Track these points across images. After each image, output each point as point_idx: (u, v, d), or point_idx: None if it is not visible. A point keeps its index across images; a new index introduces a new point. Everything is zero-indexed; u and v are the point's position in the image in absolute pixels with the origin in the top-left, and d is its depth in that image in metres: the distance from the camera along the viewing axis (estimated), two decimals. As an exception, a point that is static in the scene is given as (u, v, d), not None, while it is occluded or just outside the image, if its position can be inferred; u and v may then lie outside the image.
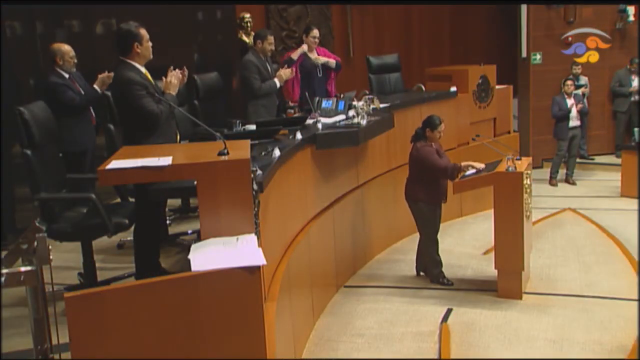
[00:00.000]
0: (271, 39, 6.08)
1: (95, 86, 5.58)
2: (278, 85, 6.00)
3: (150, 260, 4.33)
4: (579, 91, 8.80)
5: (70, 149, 5.25)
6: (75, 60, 5.58)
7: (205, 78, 6.29)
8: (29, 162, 3.97)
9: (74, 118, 5.44)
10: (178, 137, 4.44)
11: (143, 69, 4.18)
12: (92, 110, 5.78)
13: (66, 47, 5.55)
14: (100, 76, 5.57)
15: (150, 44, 4.18)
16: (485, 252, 5.94)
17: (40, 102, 4.40)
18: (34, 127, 4.01)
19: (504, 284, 5.02)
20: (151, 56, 4.22)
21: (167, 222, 5.67)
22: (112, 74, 5.42)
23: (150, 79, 4.21)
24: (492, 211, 5.02)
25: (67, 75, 5.52)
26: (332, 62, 6.76)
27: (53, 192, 4.09)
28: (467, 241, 6.36)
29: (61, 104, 5.22)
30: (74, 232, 4.09)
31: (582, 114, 8.32)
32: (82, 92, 5.57)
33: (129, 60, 4.13)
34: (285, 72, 6.03)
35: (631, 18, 9.38)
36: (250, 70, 5.88)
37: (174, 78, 4.23)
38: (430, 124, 5.26)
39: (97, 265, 4.45)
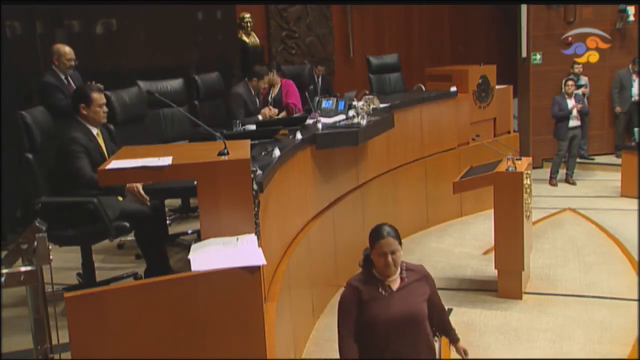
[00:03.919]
0: (267, 79, 6.28)
1: None
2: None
3: (159, 262, 4.30)
4: (579, 91, 8.80)
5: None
6: (73, 63, 5.55)
7: (206, 78, 6.29)
8: (30, 166, 3.96)
9: (65, 119, 5.41)
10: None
11: (95, 130, 4.22)
12: None
13: (65, 49, 5.53)
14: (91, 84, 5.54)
15: (102, 109, 4.20)
16: (485, 252, 5.94)
17: (41, 107, 4.40)
18: (36, 132, 4.01)
19: (504, 284, 5.02)
20: (102, 121, 4.25)
21: (167, 222, 5.67)
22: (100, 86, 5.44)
23: (101, 142, 4.22)
24: (492, 211, 5.02)
25: (63, 76, 5.51)
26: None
27: (55, 195, 4.07)
28: (467, 241, 6.36)
29: (48, 104, 5.21)
30: (75, 237, 4.08)
31: (582, 114, 8.32)
32: None
33: (80, 119, 4.19)
34: (272, 113, 6.12)
35: (631, 18, 9.38)
36: (237, 103, 5.96)
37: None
38: (370, 237, 3.10)
39: (96, 265, 4.45)
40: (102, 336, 2.19)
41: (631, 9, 9.36)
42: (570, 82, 8.21)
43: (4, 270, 2.25)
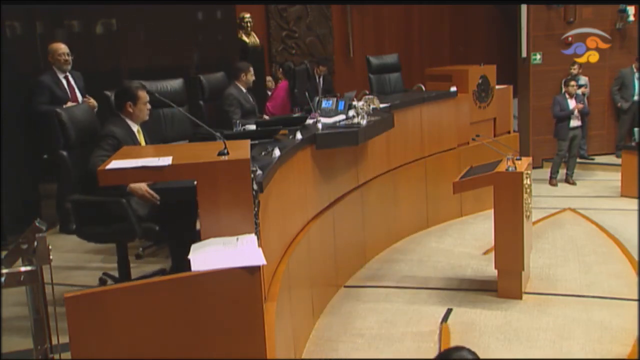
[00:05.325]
0: (252, 69, 6.29)
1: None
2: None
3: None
4: (579, 91, 8.80)
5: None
6: (67, 58, 5.54)
7: (211, 78, 6.28)
8: (65, 164, 3.98)
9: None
10: None
11: (135, 127, 4.25)
12: None
13: (59, 45, 5.53)
14: (84, 100, 5.54)
15: (147, 106, 4.27)
16: (485, 252, 5.94)
17: (84, 105, 4.40)
18: (71, 129, 4.03)
19: (504, 284, 5.02)
20: (146, 118, 4.32)
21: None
22: (94, 104, 5.45)
23: (141, 139, 4.25)
24: (492, 211, 5.01)
25: (62, 75, 5.51)
26: None
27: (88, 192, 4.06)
28: (467, 241, 6.36)
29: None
30: (103, 234, 4.11)
31: (583, 114, 8.32)
32: (77, 93, 5.56)
33: (123, 116, 4.23)
34: None
35: (631, 18, 9.38)
36: (232, 104, 5.97)
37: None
38: None
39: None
40: (102, 336, 2.19)
41: (631, 9, 9.35)
42: (572, 83, 8.20)
43: (4, 270, 2.26)
